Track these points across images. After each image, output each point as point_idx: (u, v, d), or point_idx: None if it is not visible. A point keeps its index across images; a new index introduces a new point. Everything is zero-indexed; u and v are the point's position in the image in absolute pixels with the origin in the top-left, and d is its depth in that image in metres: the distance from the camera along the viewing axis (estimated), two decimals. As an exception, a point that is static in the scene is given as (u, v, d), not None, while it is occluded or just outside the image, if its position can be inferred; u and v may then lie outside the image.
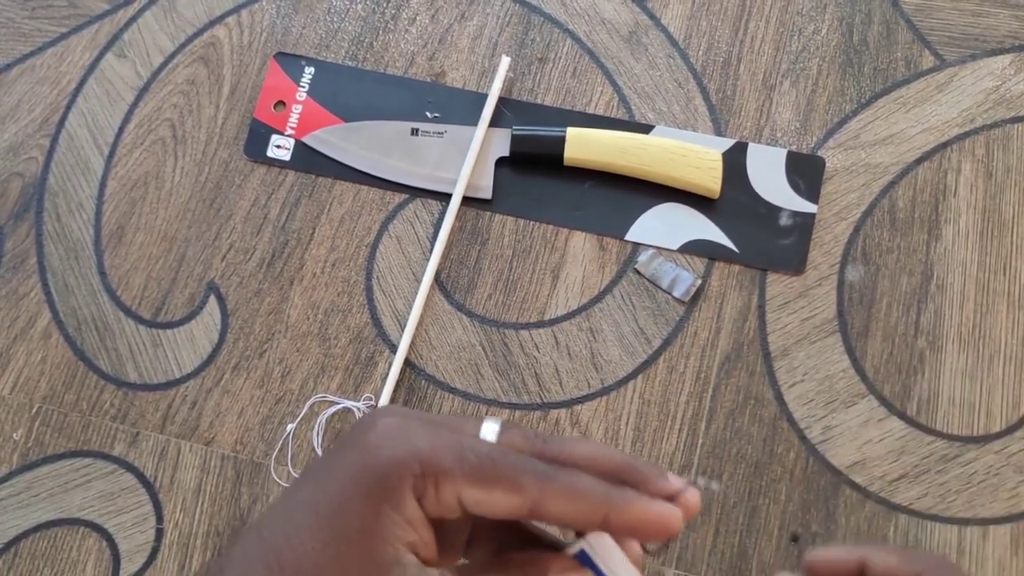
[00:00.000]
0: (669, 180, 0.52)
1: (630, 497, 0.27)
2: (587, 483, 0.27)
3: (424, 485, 0.26)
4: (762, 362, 0.50)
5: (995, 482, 0.48)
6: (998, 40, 0.54)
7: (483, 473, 0.26)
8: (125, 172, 0.56)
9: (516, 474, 0.26)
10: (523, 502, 0.26)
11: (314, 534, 0.26)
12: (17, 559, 0.50)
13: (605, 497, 0.27)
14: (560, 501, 0.26)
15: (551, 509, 0.26)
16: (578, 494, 0.27)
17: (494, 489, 0.26)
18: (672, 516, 0.27)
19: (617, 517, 0.27)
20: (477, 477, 0.26)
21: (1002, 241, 0.51)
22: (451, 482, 0.26)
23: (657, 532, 0.27)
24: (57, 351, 0.53)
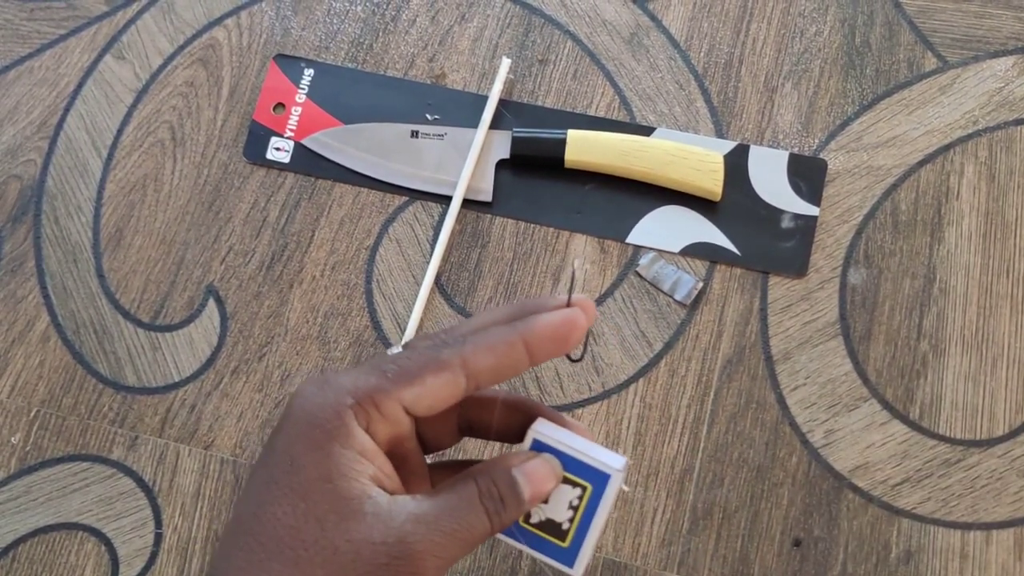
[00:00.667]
0: (670, 182, 0.52)
1: (532, 318, 0.29)
2: (492, 329, 0.29)
3: (364, 412, 0.27)
4: (764, 366, 0.50)
5: (998, 486, 0.48)
6: (1001, 42, 0.54)
7: (406, 371, 0.28)
8: (124, 174, 0.56)
9: (433, 356, 0.28)
10: (453, 376, 0.28)
11: (279, 501, 0.26)
12: (15, 564, 0.50)
13: (515, 331, 0.29)
14: (481, 355, 0.28)
15: (480, 366, 0.28)
16: (493, 342, 0.28)
17: (424, 378, 0.28)
18: (574, 315, 0.29)
19: (533, 339, 0.28)
20: (403, 377, 0.28)
21: (1005, 244, 0.51)
22: (385, 395, 0.27)
23: (569, 334, 0.29)
24: (55, 354, 0.53)
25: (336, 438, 0.27)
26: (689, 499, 0.49)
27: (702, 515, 0.48)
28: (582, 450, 0.30)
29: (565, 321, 0.29)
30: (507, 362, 0.29)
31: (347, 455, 0.27)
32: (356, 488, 0.26)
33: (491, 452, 0.50)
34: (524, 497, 0.29)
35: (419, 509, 0.27)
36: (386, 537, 0.26)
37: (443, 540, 0.27)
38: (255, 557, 0.26)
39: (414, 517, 0.27)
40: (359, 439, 0.27)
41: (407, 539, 0.26)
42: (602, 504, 0.30)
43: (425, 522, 0.27)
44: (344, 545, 0.26)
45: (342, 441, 0.27)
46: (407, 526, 0.27)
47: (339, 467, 0.26)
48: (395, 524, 0.27)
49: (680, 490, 0.49)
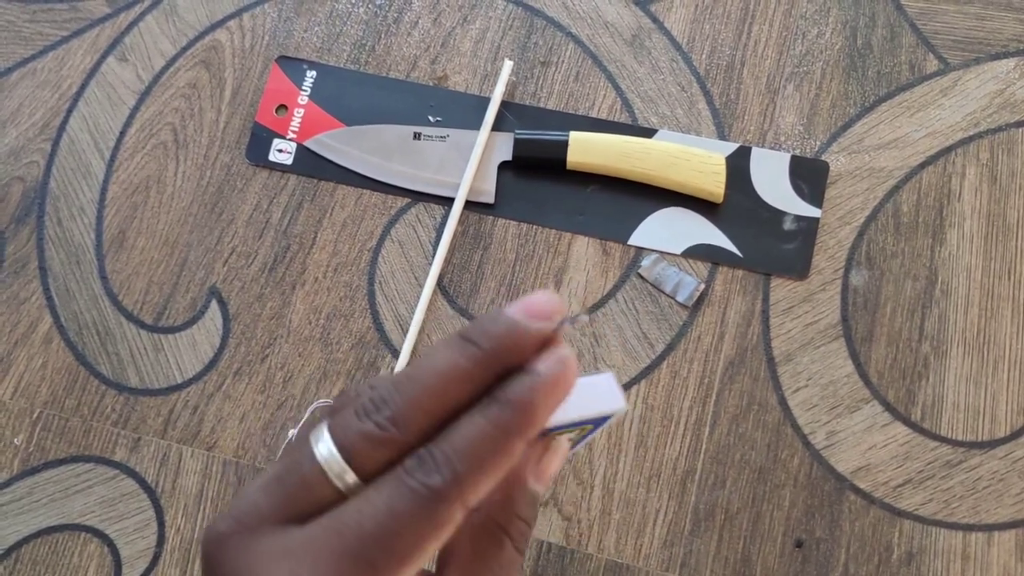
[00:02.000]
0: (672, 184, 0.52)
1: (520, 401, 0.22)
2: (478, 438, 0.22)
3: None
4: (766, 367, 0.50)
5: (1000, 488, 0.48)
6: (1003, 44, 0.54)
7: (402, 555, 0.21)
8: (126, 176, 0.56)
9: (427, 518, 0.21)
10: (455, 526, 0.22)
11: None
12: (18, 565, 0.50)
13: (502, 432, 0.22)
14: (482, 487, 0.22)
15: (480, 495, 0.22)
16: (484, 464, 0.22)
17: (424, 549, 0.21)
18: (563, 364, 0.23)
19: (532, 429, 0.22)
20: (399, 565, 0.21)
21: (1007, 245, 0.51)
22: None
23: (568, 386, 0.23)
24: (58, 356, 0.53)
25: None
26: (691, 500, 0.49)
27: (704, 516, 0.48)
28: (582, 413, 0.26)
29: (559, 380, 0.22)
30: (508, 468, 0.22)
31: None
32: None
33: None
34: (541, 497, 0.27)
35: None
36: None
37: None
38: None
39: None
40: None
41: None
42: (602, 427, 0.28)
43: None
44: None
45: None
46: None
47: None
48: None
49: (682, 491, 0.49)
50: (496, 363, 0.23)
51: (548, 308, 0.23)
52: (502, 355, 0.23)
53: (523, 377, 0.22)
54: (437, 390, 0.22)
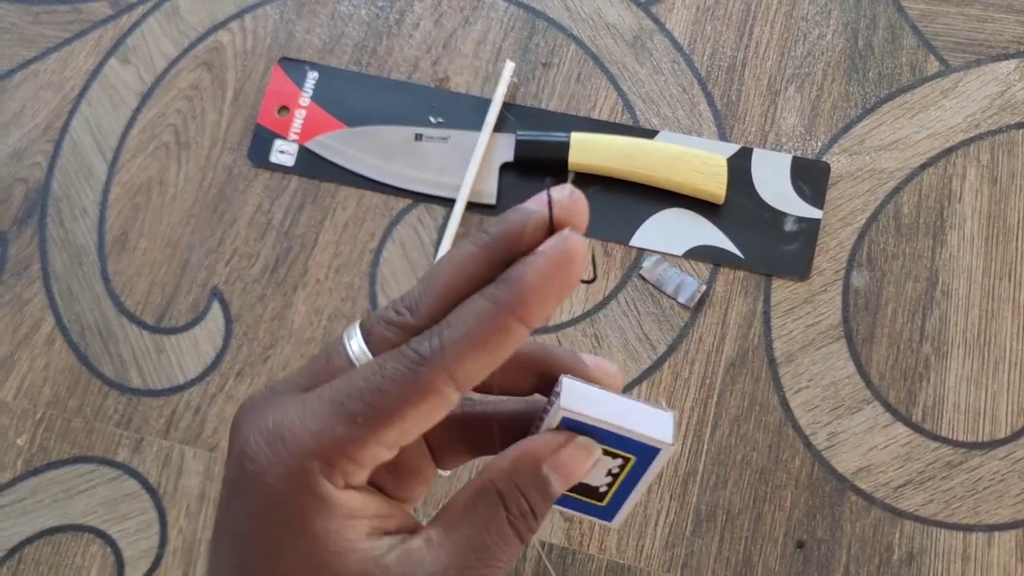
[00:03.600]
0: (674, 185, 0.52)
1: (516, 280, 0.22)
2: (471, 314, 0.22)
3: (338, 470, 0.22)
4: (767, 368, 0.50)
5: (1000, 488, 0.48)
6: (1003, 45, 0.54)
7: (381, 411, 0.22)
8: (129, 177, 0.56)
9: (410, 381, 0.22)
10: (440, 397, 0.22)
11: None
12: (21, 565, 0.50)
13: (497, 308, 0.22)
14: (469, 359, 0.22)
15: (469, 372, 0.22)
16: (473, 336, 0.22)
17: (404, 413, 0.22)
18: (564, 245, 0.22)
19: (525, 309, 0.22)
20: (378, 420, 0.22)
21: (1007, 247, 0.51)
22: (359, 446, 0.22)
23: (569, 273, 0.22)
24: (61, 357, 0.53)
25: (316, 513, 0.22)
26: (693, 501, 0.49)
27: (706, 517, 0.48)
28: (625, 424, 0.25)
29: (559, 262, 0.22)
30: (502, 349, 0.22)
31: (332, 528, 0.22)
32: (356, 563, 0.22)
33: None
34: (555, 494, 0.25)
35: (438, 562, 0.23)
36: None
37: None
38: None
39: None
40: (342, 503, 0.22)
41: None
42: (647, 473, 0.26)
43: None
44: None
45: (322, 515, 0.22)
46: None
47: (327, 545, 0.22)
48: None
49: (684, 492, 0.49)
50: (503, 246, 0.23)
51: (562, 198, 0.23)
52: (510, 238, 0.23)
53: (524, 258, 0.22)
54: (448, 276, 0.23)
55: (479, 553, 0.23)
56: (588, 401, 0.25)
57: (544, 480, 0.24)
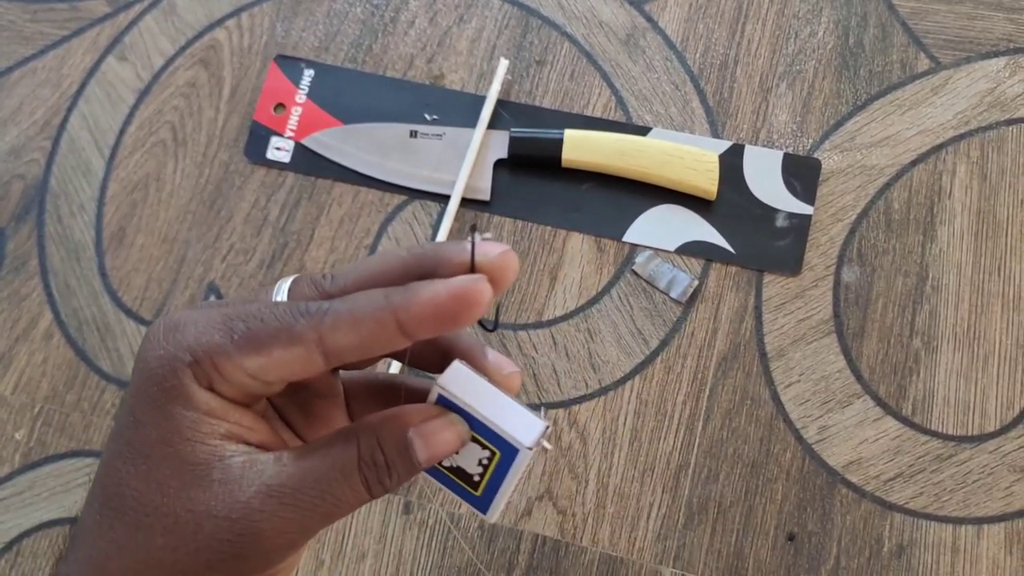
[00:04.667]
0: (666, 182, 0.53)
1: (412, 290, 0.23)
2: (362, 300, 0.24)
3: (204, 372, 0.24)
4: (758, 362, 0.51)
5: (989, 481, 0.48)
6: (993, 43, 0.55)
7: (254, 337, 0.24)
8: (126, 174, 0.56)
9: (287, 325, 0.24)
10: (306, 352, 0.24)
11: (124, 458, 0.24)
12: (19, 558, 0.51)
13: (385, 304, 0.23)
14: (341, 333, 0.23)
15: (339, 344, 0.24)
16: (355, 315, 0.23)
17: (271, 349, 0.24)
18: (468, 286, 0.23)
19: (407, 316, 0.23)
20: (249, 344, 0.24)
21: (996, 242, 0.52)
22: (226, 358, 0.24)
23: (459, 312, 0.23)
24: (59, 352, 0.54)
25: (175, 399, 0.24)
26: (684, 494, 0.49)
27: (697, 510, 0.49)
28: (493, 417, 0.26)
29: (454, 296, 0.23)
30: (373, 341, 0.24)
31: (189, 416, 0.24)
32: (201, 452, 0.24)
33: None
34: (417, 460, 0.25)
35: (276, 478, 0.24)
36: (230, 511, 0.23)
37: (298, 516, 0.24)
38: (104, 511, 0.24)
39: (267, 489, 0.24)
40: (202, 400, 0.24)
41: (252, 516, 0.23)
42: (511, 472, 0.27)
43: (279, 495, 0.24)
44: (185, 515, 0.23)
45: (183, 402, 0.24)
46: (256, 500, 0.23)
47: (180, 429, 0.24)
48: (243, 496, 0.24)
49: (676, 485, 0.49)
50: (426, 263, 0.25)
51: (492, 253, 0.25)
52: (435, 260, 0.25)
53: (431, 279, 0.24)
54: (373, 266, 0.26)
55: (319, 484, 0.24)
56: (467, 387, 0.26)
57: (406, 441, 0.25)
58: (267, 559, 0.25)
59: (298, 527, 0.24)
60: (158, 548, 0.24)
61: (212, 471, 0.24)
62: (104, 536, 0.24)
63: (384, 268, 0.26)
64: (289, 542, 0.24)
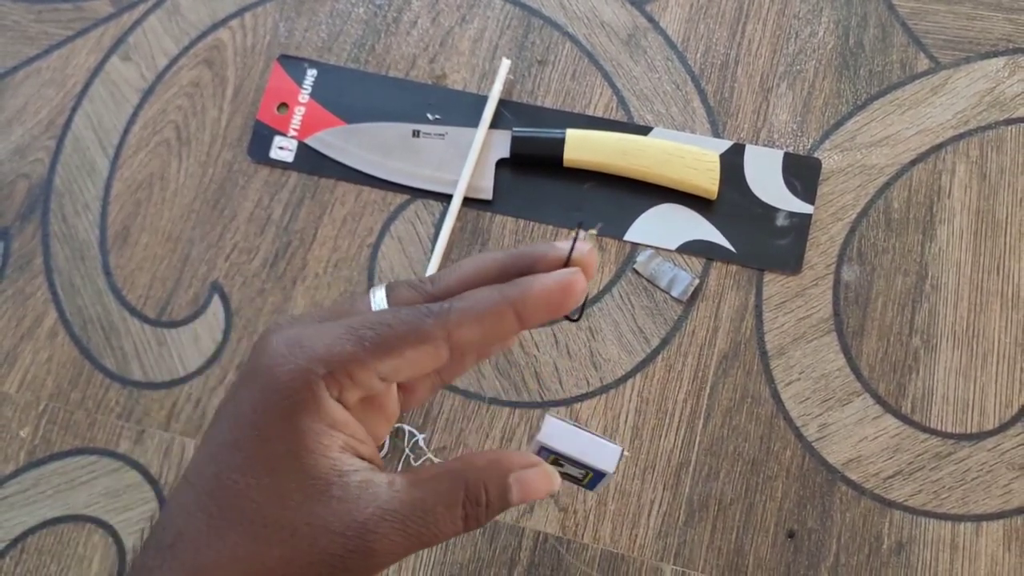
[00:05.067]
0: (667, 181, 0.53)
1: (525, 284, 0.27)
2: (481, 296, 0.27)
3: (336, 381, 0.26)
4: (759, 361, 0.51)
5: (988, 479, 0.49)
6: (992, 43, 0.55)
7: (385, 341, 0.26)
8: (130, 173, 0.57)
9: (415, 326, 0.26)
10: (435, 348, 0.26)
11: (243, 471, 0.25)
12: (24, 555, 0.51)
13: (502, 298, 0.26)
14: (467, 327, 0.26)
15: (465, 338, 0.26)
16: (478, 310, 0.26)
17: (403, 350, 0.26)
18: (571, 279, 0.27)
19: (523, 307, 0.26)
20: (382, 348, 0.26)
21: (996, 242, 0.52)
22: (360, 365, 0.26)
23: (564, 300, 0.27)
24: (63, 350, 0.54)
25: (306, 411, 0.25)
26: (685, 492, 0.50)
27: (698, 507, 0.49)
28: (583, 457, 0.32)
29: (561, 286, 0.27)
30: (496, 332, 0.27)
31: (316, 428, 0.25)
32: (324, 466, 0.25)
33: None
34: (512, 502, 0.28)
35: (390, 503, 0.26)
36: (346, 528, 0.25)
37: (403, 540, 0.26)
38: (214, 522, 0.25)
39: (382, 512, 0.25)
40: (330, 411, 0.25)
41: (367, 537, 0.25)
42: (603, 481, 0.34)
43: (392, 519, 0.25)
44: (303, 528, 0.25)
45: (312, 414, 0.25)
46: (372, 521, 0.25)
47: (307, 442, 0.25)
48: (360, 516, 0.25)
49: (676, 483, 0.50)
50: (523, 262, 0.28)
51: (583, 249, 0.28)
52: (532, 257, 0.28)
53: (537, 274, 0.27)
54: (471, 266, 0.29)
55: (426, 516, 0.26)
56: (562, 436, 0.32)
57: (507, 486, 0.28)
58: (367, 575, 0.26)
59: (402, 549, 0.26)
60: (274, 559, 0.25)
61: (332, 487, 0.25)
62: (214, 546, 0.25)
63: (481, 268, 0.28)
64: (393, 561, 0.26)
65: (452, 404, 0.52)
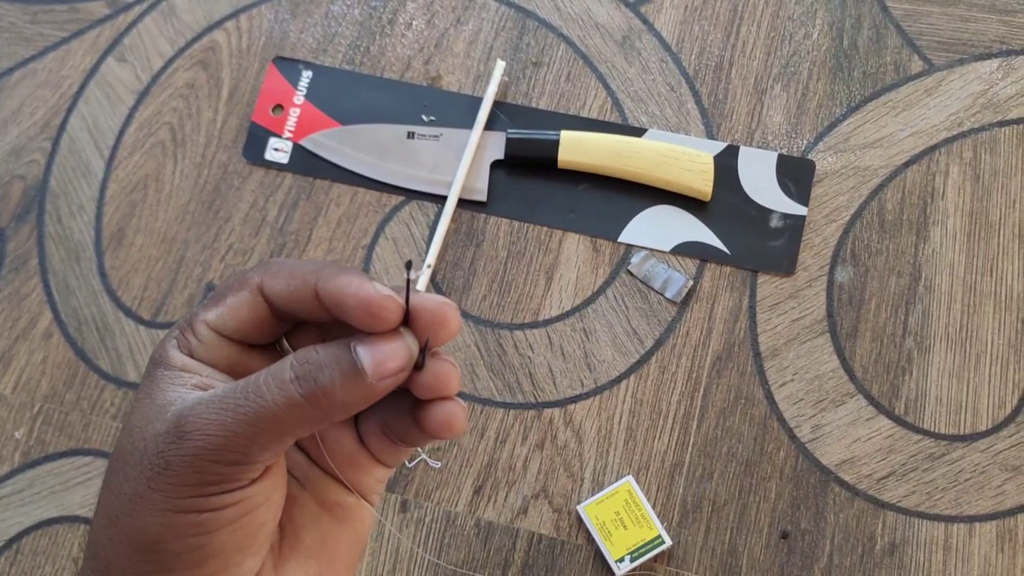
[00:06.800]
0: (662, 183, 0.53)
1: (342, 272, 0.26)
2: (306, 262, 0.28)
3: (184, 338, 0.28)
4: (752, 362, 0.51)
5: (981, 480, 0.49)
6: (986, 45, 0.55)
7: (217, 294, 0.29)
8: (125, 175, 0.57)
9: (240, 278, 0.28)
10: (252, 296, 0.28)
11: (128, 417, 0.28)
12: (19, 556, 0.51)
13: (315, 269, 0.27)
14: (278, 281, 0.27)
15: (274, 291, 0.28)
16: (293, 269, 0.27)
17: (225, 298, 0.28)
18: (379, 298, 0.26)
19: (323, 287, 0.26)
20: (212, 300, 0.29)
21: (989, 243, 0.52)
22: (195, 319, 0.29)
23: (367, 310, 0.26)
24: (58, 351, 0.54)
25: (159, 364, 0.28)
26: (679, 492, 0.50)
27: (692, 508, 0.49)
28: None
29: (362, 298, 0.25)
30: (296, 295, 0.27)
31: (166, 374, 0.28)
32: (170, 394, 0.27)
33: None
34: (362, 369, 0.26)
35: (212, 392, 0.26)
36: (166, 424, 0.26)
37: (222, 416, 0.25)
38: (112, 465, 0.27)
39: (199, 397, 0.26)
40: (178, 359, 0.28)
41: (179, 422, 0.26)
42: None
43: (207, 402, 0.26)
44: (141, 443, 0.26)
45: (164, 364, 0.28)
46: (186, 408, 0.26)
47: (157, 383, 0.27)
48: (178, 409, 0.26)
49: (670, 484, 0.50)
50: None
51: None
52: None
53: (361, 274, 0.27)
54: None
55: (246, 387, 0.26)
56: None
57: (350, 348, 0.26)
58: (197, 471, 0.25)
59: (218, 427, 0.25)
60: (131, 481, 0.26)
61: (171, 405, 0.26)
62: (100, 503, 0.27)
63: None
64: (212, 443, 0.25)
65: (446, 405, 0.52)
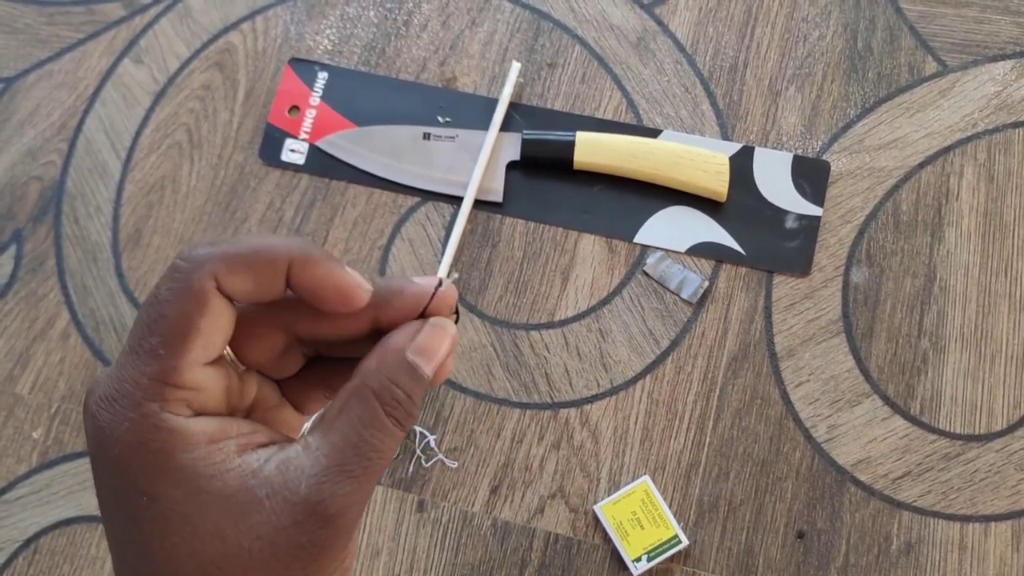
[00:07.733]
0: (677, 184, 0.53)
1: (320, 253, 0.25)
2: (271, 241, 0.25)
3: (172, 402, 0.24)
4: (768, 362, 0.51)
5: (997, 480, 0.49)
6: (1000, 46, 0.55)
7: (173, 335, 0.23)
8: (142, 176, 0.57)
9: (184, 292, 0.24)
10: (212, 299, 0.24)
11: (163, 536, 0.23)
12: (37, 556, 0.51)
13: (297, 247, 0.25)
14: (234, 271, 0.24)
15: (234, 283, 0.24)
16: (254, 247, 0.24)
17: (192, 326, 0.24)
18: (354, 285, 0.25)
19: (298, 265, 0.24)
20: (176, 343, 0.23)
21: (1003, 243, 0.52)
22: (175, 373, 0.23)
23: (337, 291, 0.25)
24: (76, 351, 0.54)
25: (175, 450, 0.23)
26: (695, 492, 0.50)
27: (708, 508, 0.50)
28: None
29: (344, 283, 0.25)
30: (263, 288, 0.25)
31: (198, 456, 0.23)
32: (232, 479, 0.23)
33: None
34: (427, 375, 0.26)
35: (317, 464, 0.24)
36: (295, 516, 0.23)
37: (357, 484, 0.24)
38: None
39: (316, 479, 0.23)
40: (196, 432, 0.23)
41: (317, 509, 0.23)
42: None
43: (331, 478, 0.23)
44: (255, 544, 0.23)
45: (183, 447, 0.23)
46: (313, 494, 0.23)
47: (199, 472, 0.23)
48: (297, 498, 0.23)
49: (686, 484, 0.50)
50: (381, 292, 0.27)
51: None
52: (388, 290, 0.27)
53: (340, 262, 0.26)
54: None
55: (357, 448, 0.24)
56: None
57: (411, 365, 0.26)
58: (345, 536, 0.25)
59: (357, 495, 0.24)
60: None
61: (253, 491, 0.23)
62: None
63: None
64: (357, 513, 0.24)
65: (463, 405, 0.52)
